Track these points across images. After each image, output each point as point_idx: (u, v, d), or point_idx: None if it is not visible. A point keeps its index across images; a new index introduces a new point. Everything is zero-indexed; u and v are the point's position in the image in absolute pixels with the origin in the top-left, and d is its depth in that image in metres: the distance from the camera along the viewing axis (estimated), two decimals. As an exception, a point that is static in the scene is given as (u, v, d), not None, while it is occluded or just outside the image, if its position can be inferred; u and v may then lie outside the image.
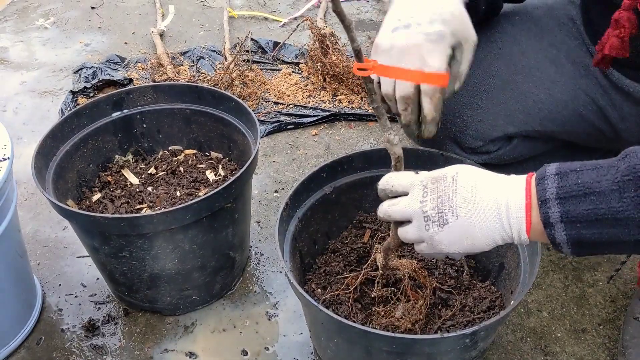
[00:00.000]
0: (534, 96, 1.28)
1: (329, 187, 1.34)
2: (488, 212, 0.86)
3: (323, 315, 1.03)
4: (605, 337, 1.42)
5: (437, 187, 0.89)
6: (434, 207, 0.88)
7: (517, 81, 1.28)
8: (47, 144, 1.42)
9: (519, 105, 1.29)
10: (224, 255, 1.45)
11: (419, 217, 0.90)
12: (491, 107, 1.31)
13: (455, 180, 0.88)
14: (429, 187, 0.90)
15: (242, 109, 1.52)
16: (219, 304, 1.52)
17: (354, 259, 1.34)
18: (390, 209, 0.94)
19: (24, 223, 1.76)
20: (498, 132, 1.31)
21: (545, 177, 0.85)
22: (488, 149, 1.33)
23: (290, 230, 1.25)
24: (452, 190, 0.87)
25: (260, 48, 2.53)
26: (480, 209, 0.86)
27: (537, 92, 1.28)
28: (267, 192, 1.86)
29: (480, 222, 0.86)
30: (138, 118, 1.61)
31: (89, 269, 1.61)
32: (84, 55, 2.57)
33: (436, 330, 1.19)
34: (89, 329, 1.47)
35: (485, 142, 1.31)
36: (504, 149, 1.35)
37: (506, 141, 1.35)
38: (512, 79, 1.27)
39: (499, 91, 1.31)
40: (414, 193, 0.91)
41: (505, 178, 0.89)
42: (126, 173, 1.61)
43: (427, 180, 0.91)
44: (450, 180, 0.89)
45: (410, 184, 0.93)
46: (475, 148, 1.32)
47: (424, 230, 0.90)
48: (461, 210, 0.86)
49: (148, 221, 1.23)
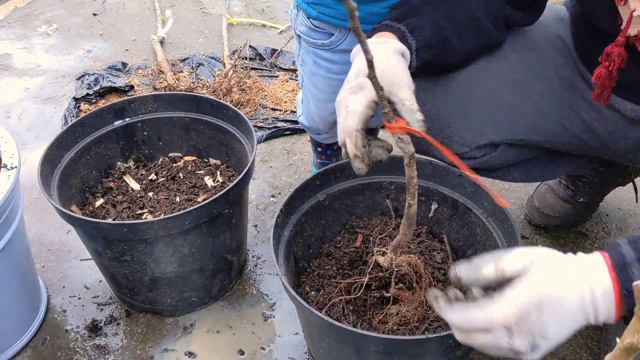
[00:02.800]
0: (520, 108, 1.33)
1: (322, 194, 1.40)
2: (576, 319, 0.81)
3: (315, 317, 1.09)
4: (588, 337, 1.47)
5: (524, 325, 0.81)
6: (525, 343, 0.82)
7: (503, 94, 1.33)
8: (52, 152, 1.47)
9: (504, 116, 1.34)
10: (222, 258, 1.51)
11: (508, 352, 0.84)
12: (478, 117, 1.36)
13: (541, 311, 0.81)
14: (515, 329, 0.82)
15: (239, 117, 1.58)
16: (217, 305, 1.58)
17: (347, 263, 1.40)
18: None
19: (29, 227, 1.82)
20: (484, 140, 1.36)
21: (626, 264, 0.79)
22: (474, 155, 1.38)
23: (285, 236, 1.31)
24: (539, 322, 0.81)
25: (259, 55, 2.58)
26: (569, 320, 0.81)
27: (523, 105, 1.33)
28: (264, 197, 1.92)
29: (569, 330, 0.82)
30: (139, 126, 1.67)
31: (92, 271, 1.67)
32: (86, 61, 2.63)
33: (423, 330, 1.25)
34: (92, 330, 1.53)
35: (471, 149, 1.36)
36: (490, 155, 1.40)
37: (492, 148, 1.40)
38: (499, 92, 1.32)
39: (486, 102, 1.36)
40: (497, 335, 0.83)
41: (579, 268, 0.83)
42: (128, 179, 1.67)
43: (510, 317, 0.81)
44: (535, 314, 0.81)
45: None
46: (462, 154, 1.38)
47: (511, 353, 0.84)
48: (551, 332, 0.81)
49: (149, 227, 1.29)
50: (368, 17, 1.35)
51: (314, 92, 1.57)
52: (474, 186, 1.36)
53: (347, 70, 1.50)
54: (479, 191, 1.35)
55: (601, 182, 1.70)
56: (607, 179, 1.69)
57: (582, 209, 1.74)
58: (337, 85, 1.52)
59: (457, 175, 1.37)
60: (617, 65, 1.13)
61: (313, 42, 1.46)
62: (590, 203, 1.74)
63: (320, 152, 1.84)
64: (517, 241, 1.21)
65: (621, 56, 1.12)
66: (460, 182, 1.37)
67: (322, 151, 1.84)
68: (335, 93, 1.56)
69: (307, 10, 1.41)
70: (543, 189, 1.81)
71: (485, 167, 1.42)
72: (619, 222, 1.80)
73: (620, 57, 1.12)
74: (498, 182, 1.95)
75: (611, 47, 1.13)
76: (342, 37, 1.42)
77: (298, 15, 1.49)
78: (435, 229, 1.46)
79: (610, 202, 1.86)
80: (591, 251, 0.85)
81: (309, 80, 1.56)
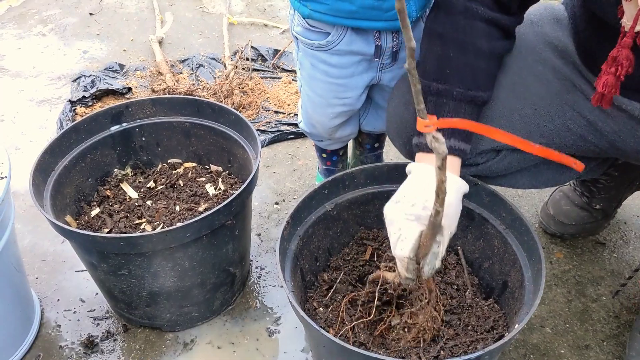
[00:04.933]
0: (520, 111, 1.28)
1: (330, 204, 1.33)
2: None
3: (325, 339, 1.02)
4: (609, 354, 1.41)
5: None
6: None
7: (501, 97, 1.28)
8: (45, 159, 1.40)
9: (504, 120, 1.28)
10: (224, 271, 1.43)
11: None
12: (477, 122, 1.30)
13: None
14: None
15: (242, 122, 1.50)
16: (219, 319, 1.51)
17: (356, 277, 1.33)
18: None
19: (22, 236, 1.74)
20: (485, 146, 1.30)
21: None
22: (476, 161, 1.33)
23: (291, 249, 1.24)
24: None
25: (261, 56, 2.51)
26: None
27: (523, 107, 1.28)
28: (268, 204, 1.84)
29: None
30: (137, 131, 1.60)
31: (88, 283, 1.60)
32: (83, 62, 2.55)
33: (439, 350, 1.18)
34: (87, 346, 1.45)
35: (472, 155, 1.31)
36: (492, 161, 1.34)
37: (494, 153, 1.34)
38: (496, 95, 1.27)
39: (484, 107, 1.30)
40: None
41: None
42: (125, 187, 1.59)
43: None
44: None
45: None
46: (463, 160, 1.32)
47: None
48: None
49: (147, 240, 1.22)
50: (362, 11, 1.28)
51: (312, 96, 1.50)
52: (491, 196, 1.29)
53: (345, 74, 1.45)
54: (496, 201, 1.28)
55: (617, 187, 1.63)
56: (622, 183, 1.63)
57: (598, 216, 1.67)
58: (335, 89, 1.46)
59: (473, 185, 1.30)
60: (626, 70, 1.05)
61: (310, 43, 1.40)
62: (607, 210, 1.67)
63: (325, 158, 1.77)
64: (539, 255, 1.14)
65: (629, 59, 1.04)
66: (476, 192, 1.30)
67: (327, 157, 1.76)
68: (334, 98, 1.51)
69: (300, 8, 1.34)
70: (558, 196, 1.74)
71: (490, 174, 1.36)
72: (637, 230, 1.73)
73: (629, 60, 1.04)
74: (510, 189, 1.88)
75: (617, 51, 1.04)
76: (339, 36, 1.35)
77: (294, 15, 1.43)
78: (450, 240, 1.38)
79: (628, 209, 1.79)
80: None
81: (307, 85, 1.49)
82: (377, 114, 1.60)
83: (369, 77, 1.44)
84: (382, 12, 1.29)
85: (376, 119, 1.61)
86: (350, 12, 1.28)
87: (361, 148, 1.79)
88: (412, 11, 1.33)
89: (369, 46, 1.37)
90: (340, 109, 1.49)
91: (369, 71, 1.43)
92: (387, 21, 1.31)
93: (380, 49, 1.38)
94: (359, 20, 1.31)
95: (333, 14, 1.31)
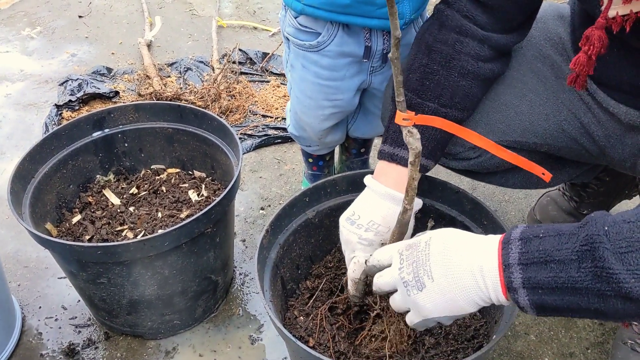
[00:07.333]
0: (515, 107, 1.27)
1: (312, 211, 1.32)
2: (463, 274, 0.85)
3: (303, 352, 1.01)
4: (595, 352, 1.40)
5: (412, 253, 0.91)
6: (410, 272, 0.89)
7: (498, 91, 1.27)
8: (24, 167, 1.39)
9: (499, 115, 1.27)
10: (206, 279, 1.42)
11: (400, 284, 0.91)
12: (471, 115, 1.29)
13: (428, 244, 0.89)
14: (404, 254, 0.91)
15: (224, 128, 1.49)
16: (201, 327, 1.50)
17: (338, 285, 1.31)
18: (378, 281, 0.97)
19: (5, 242, 1.73)
20: None
21: (510, 241, 0.84)
22: (468, 156, 1.32)
23: (271, 257, 1.23)
24: (425, 254, 0.89)
25: (249, 59, 2.50)
26: (455, 271, 0.86)
27: (519, 104, 1.27)
28: (253, 210, 1.83)
29: (457, 283, 0.85)
30: (120, 137, 1.58)
31: (70, 290, 1.58)
32: (71, 66, 2.54)
33: (420, 359, 1.17)
34: (68, 354, 1.44)
35: (465, 149, 1.30)
36: (484, 156, 1.33)
37: None
38: (493, 89, 1.26)
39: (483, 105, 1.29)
40: (394, 262, 0.94)
41: (480, 238, 0.88)
42: (107, 193, 1.58)
43: (402, 248, 0.93)
44: (423, 245, 0.90)
45: (390, 256, 0.96)
46: (456, 154, 1.31)
47: (407, 297, 0.90)
48: (436, 273, 0.87)
49: (125, 249, 1.21)
50: (356, 5, 1.27)
51: (302, 98, 1.48)
52: (473, 204, 1.28)
53: (335, 76, 1.44)
54: (478, 209, 1.27)
55: (607, 193, 1.62)
56: (612, 189, 1.62)
57: (586, 222, 1.66)
58: (326, 91, 1.45)
59: (455, 192, 1.29)
60: (597, 50, 1.05)
61: (301, 43, 1.38)
62: (594, 216, 1.66)
63: (312, 163, 1.76)
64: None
65: (601, 40, 1.04)
66: (458, 199, 1.29)
67: (313, 162, 1.75)
68: (324, 99, 1.50)
69: (293, 4, 1.33)
70: (545, 201, 1.73)
71: (481, 170, 1.35)
72: (624, 235, 1.72)
73: (601, 40, 1.04)
74: (497, 193, 1.87)
75: (591, 30, 1.04)
76: (330, 36, 1.34)
77: (286, 16, 1.42)
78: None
79: (615, 214, 1.77)
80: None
81: (297, 86, 1.48)
82: (366, 120, 1.59)
83: (360, 80, 1.43)
84: (375, 7, 1.28)
85: (365, 124, 1.60)
86: (344, 5, 1.27)
87: (347, 153, 1.78)
88: (405, 11, 1.32)
89: (359, 47, 1.36)
90: (330, 111, 1.48)
91: (359, 74, 1.42)
92: (379, 19, 1.30)
93: (370, 50, 1.37)
94: (352, 16, 1.29)
95: (326, 9, 1.29)
